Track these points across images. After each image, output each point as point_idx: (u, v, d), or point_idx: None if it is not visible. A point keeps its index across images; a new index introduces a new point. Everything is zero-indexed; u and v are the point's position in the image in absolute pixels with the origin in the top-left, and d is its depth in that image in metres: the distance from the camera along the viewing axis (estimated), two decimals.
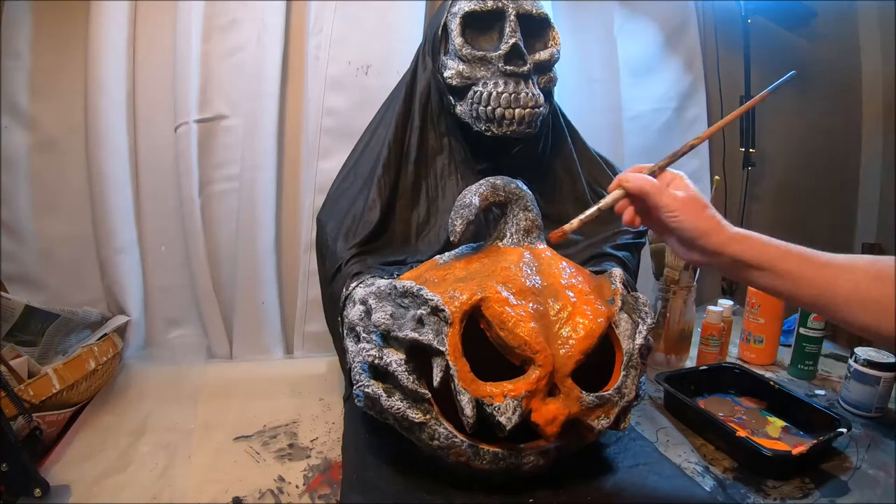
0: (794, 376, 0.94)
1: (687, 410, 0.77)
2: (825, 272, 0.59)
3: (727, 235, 0.61)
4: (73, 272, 0.94)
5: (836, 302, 0.59)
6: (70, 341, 0.85)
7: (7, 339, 0.79)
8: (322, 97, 0.95)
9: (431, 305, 0.55)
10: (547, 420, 0.54)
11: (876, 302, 0.57)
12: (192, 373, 0.90)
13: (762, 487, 0.64)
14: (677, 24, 1.15)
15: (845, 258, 0.60)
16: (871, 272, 0.58)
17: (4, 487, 0.53)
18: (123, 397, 0.81)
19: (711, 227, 0.61)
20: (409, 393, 0.55)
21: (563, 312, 0.59)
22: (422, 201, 0.76)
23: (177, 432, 0.72)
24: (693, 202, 0.62)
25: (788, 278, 0.60)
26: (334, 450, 0.69)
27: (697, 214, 0.61)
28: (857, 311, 0.58)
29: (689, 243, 0.62)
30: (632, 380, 0.59)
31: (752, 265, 0.61)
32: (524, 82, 0.69)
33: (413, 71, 0.77)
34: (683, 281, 0.93)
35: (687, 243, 0.63)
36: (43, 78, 0.89)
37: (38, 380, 0.67)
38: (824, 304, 0.59)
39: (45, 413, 0.66)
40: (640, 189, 0.62)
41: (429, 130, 0.76)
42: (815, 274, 0.60)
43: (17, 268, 0.91)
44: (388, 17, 0.96)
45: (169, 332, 1.00)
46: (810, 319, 0.91)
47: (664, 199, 0.62)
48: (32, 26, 0.87)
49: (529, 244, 0.65)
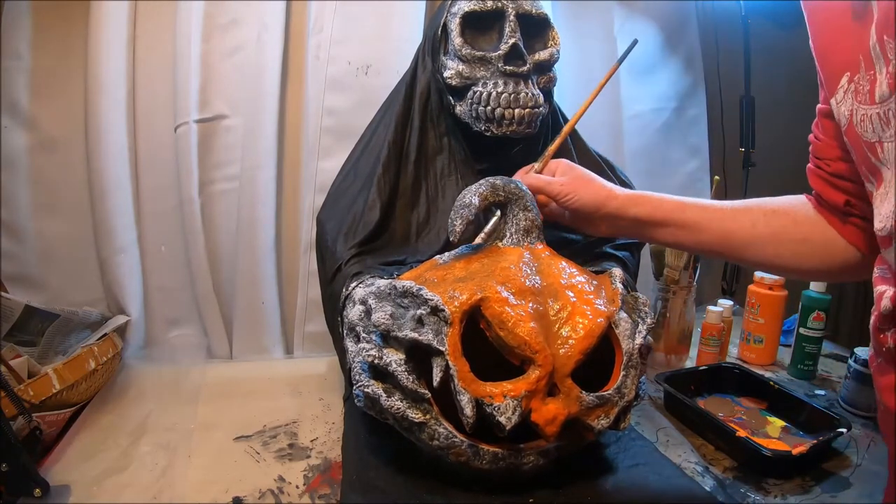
0: (793, 376, 0.94)
1: (687, 410, 0.77)
2: (722, 215, 0.64)
3: (623, 199, 0.65)
4: (73, 272, 0.94)
5: (734, 244, 0.63)
6: (70, 341, 0.85)
7: (7, 339, 0.79)
8: (322, 97, 0.95)
9: (431, 305, 0.55)
10: (547, 420, 0.54)
11: (773, 235, 0.61)
12: (192, 373, 0.90)
13: (763, 486, 0.64)
14: (677, 24, 1.15)
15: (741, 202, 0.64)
16: (766, 209, 0.62)
17: (4, 487, 0.53)
18: (123, 397, 0.81)
19: (605, 195, 0.66)
20: (408, 393, 0.55)
21: (563, 312, 0.59)
22: (422, 201, 0.76)
23: (177, 432, 0.72)
24: (580, 180, 0.67)
25: (688, 228, 0.64)
26: (334, 450, 0.69)
27: (588, 189, 0.66)
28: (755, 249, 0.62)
29: (591, 216, 0.67)
30: (631, 380, 0.59)
31: (653, 222, 0.65)
32: (524, 82, 0.69)
33: (413, 71, 0.77)
34: (683, 281, 0.93)
35: (589, 218, 0.67)
36: (43, 78, 0.89)
37: (38, 380, 0.67)
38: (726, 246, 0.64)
39: (45, 413, 0.66)
40: (531, 188, 0.67)
41: (428, 130, 0.76)
42: (712, 219, 0.63)
43: (17, 268, 0.91)
44: (388, 17, 0.96)
45: (169, 332, 1.00)
46: (810, 319, 0.91)
47: (555, 188, 0.67)
48: (32, 26, 0.87)
49: (529, 244, 0.65)
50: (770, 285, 0.95)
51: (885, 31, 0.42)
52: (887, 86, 0.43)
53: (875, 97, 0.44)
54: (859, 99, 0.46)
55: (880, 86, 0.43)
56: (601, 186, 0.66)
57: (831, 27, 0.49)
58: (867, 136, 0.46)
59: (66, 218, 0.93)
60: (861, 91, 0.46)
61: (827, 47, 0.50)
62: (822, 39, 0.51)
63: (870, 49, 0.44)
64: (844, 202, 0.56)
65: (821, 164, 0.58)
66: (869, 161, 0.47)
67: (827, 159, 0.57)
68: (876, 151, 0.45)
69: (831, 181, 0.57)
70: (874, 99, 0.44)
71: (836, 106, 0.49)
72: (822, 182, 0.58)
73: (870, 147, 0.46)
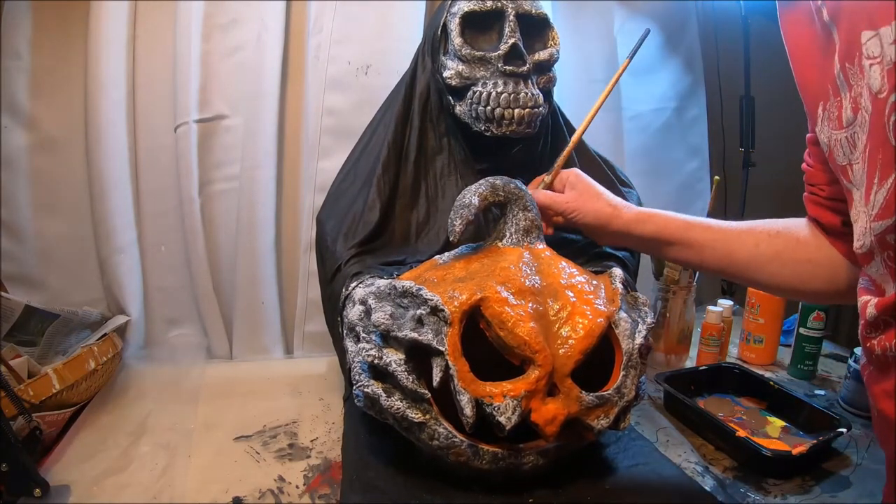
0: (793, 376, 0.94)
1: (687, 410, 0.77)
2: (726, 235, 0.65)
3: (627, 218, 0.67)
4: (73, 272, 0.94)
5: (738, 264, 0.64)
6: (70, 341, 0.85)
7: (7, 339, 0.79)
8: (322, 97, 0.95)
9: (431, 305, 0.55)
10: (546, 420, 0.54)
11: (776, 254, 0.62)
12: (192, 373, 0.90)
13: (763, 486, 0.64)
14: (677, 24, 1.15)
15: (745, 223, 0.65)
16: (770, 230, 0.64)
17: (4, 487, 0.53)
18: (123, 397, 0.81)
19: (609, 213, 0.67)
20: (408, 393, 0.55)
21: (563, 312, 0.59)
22: (421, 201, 0.76)
23: (177, 432, 0.72)
24: (586, 197, 0.68)
25: (693, 248, 0.65)
26: (334, 450, 0.69)
27: (593, 207, 0.67)
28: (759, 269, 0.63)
29: (596, 233, 0.69)
30: (631, 380, 0.59)
31: (657, 241, 0.67)
32: (524, 82, 0.69)
33: (413, 71, 0.77)
34: (683, 281, 0.93)
35: (595, 234, 0.69)
36: (43, 78, 0.89)
37: (38, 380, 0.67)
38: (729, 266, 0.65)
39: (45, 413, 0.66)
40: (539, 203, 0.68)
41: (428, 130, 0.76)
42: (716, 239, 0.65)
43: (17, 268, 0.91)
44: (388, 17, 0.96)
45: (169, 332, 1.00)
46: (810, 319, 0.91)
47: (560, 206, 0.68)
48: (32, 26, 0.87)
49: (529, 244, 0.65)
50: None
51: (846, 59, 0.44)
52: (851, 110, 0.45)
53: (843, 122, 0.46)
54: (831, 125, 0.48)
55: (846, 111, 0.46)
56: (606, 203, 0.67)
57: (806, 62, 0.52)
58: (839, 160, 0.48)
59: (65, 218, 0.93)
60: (832, 118, 0.48)
61: (805, 81, 0.53)
62: (800, 74, 0.53)
63: (835, 77, 0.46)
64: (841, 223, 0.57)
65: (815, 190, 0.60)
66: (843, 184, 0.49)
67: (820, 185, 0.59)
68: (847, 174, 0.47)
69: (826, 204, 0.59)
70: (842, 123, 0.46)
71: (818, 134, 0.51)
72: (817, 207, 0.60)
73: (843, 171, 0.48)
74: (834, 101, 0.47)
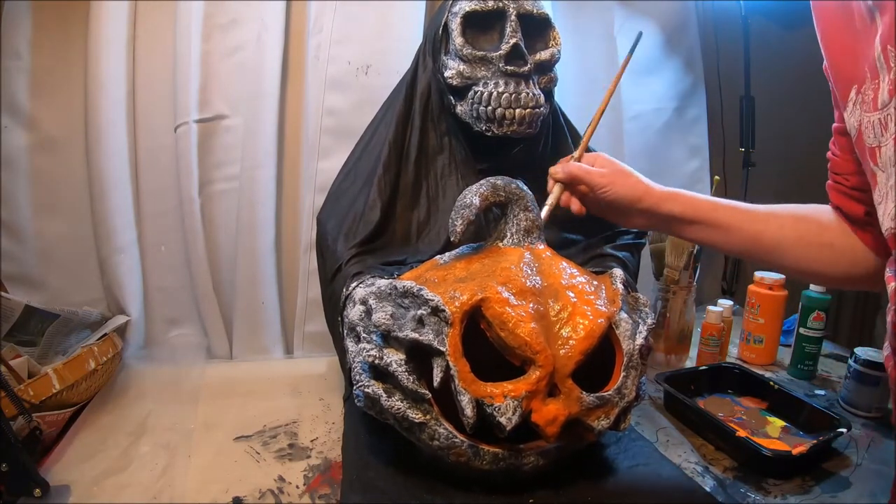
0: (793, 376, 0.94)
1: (687, 410, 0.77)
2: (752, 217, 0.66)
3: (658, 195, 0.67)
4: (73, 272, 0.94)
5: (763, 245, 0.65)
6: (70, 341, 0.85)
7: (7, 339, 0.79)
8: (322, 97, 0.95)
9: (432, 306, 0.55)
10: (547, 420, 0.54)
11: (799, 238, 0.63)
12: (192, 373, 0.90)
13: (763, 486, 0.64)
14: (677, 24, 1.15)
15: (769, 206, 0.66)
16: (796, 214, 0.64)
17: (4, 487, 0.53)
18: (123, 397, 0.81)
19: (642, 191, 0.67)
20: (409, 393, 0.55)
21: (564, 313, 0.59)
22: (422, 201, 0.76)
23: (177, 432, 0.72)
24: (619, 174, 0.69)
25: (720, 229, 0.66)
26: (334, 450, 0.69)
27: (626, 183, 0.68)
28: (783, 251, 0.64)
29: (627, 210, 0.68)
30: (632, 380, 0.59)
31: (685, 220, 0.67)
32: (525, 82, 0.69)
33: (413, 71, 0.77)
34: (683, 281, 0.93)
35: (625, 211, 0.69)
36: (43, 78, 0.89)
37: (38, 380, 0.67)
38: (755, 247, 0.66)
39: (45, 413, 0.66)
40: (571, 175, 0.68)
41: (429, 130, 0.76)
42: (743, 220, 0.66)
43: (17, 268, 0.90)
44: (388, 17, 0.96)
45: (169, 332, 1.00)
46: (810, 319, 0.91)
47: (594, 178, 0.68)
48: (32, 26, 0.87)
49: (530, 244, 0.65)
50: (770, 285, 0.95)
51: (888, 42, 0.44)
52: (888, 92, 0.45)
53: (878, 104, 0.46)
54: (864, 108, 0.48)
55: (882, 93, 0.46)
56: (638, 181, 0.68)
57: (841, 45, 0.52)
58: (869, 141, 0.48)
59: (65, 218, 0.93)
60: (866, 101, 0.48)
61: (838, 64, 0.53)
62: (833, 58, 0.54)
63: (875, 60, 0.46)
64: (864, 213, 0.58)
65: (839, 180, 0.61)
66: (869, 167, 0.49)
67: (845, 174, 0.60)
68: (875, 156, 0.48)
69: (850, 194, 0.60)
70: (877, 105, 0.47)
71: (847, 119, 0.52)
72: (841, 196, 0.61)
73: (871, 152, 0.48)
74: (871, 83, 0.47)
